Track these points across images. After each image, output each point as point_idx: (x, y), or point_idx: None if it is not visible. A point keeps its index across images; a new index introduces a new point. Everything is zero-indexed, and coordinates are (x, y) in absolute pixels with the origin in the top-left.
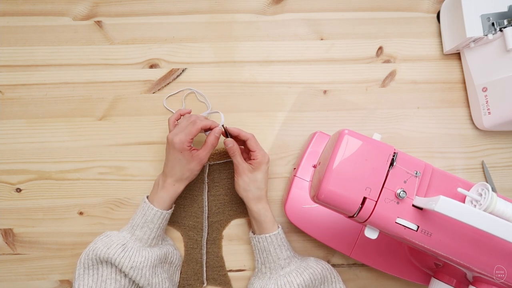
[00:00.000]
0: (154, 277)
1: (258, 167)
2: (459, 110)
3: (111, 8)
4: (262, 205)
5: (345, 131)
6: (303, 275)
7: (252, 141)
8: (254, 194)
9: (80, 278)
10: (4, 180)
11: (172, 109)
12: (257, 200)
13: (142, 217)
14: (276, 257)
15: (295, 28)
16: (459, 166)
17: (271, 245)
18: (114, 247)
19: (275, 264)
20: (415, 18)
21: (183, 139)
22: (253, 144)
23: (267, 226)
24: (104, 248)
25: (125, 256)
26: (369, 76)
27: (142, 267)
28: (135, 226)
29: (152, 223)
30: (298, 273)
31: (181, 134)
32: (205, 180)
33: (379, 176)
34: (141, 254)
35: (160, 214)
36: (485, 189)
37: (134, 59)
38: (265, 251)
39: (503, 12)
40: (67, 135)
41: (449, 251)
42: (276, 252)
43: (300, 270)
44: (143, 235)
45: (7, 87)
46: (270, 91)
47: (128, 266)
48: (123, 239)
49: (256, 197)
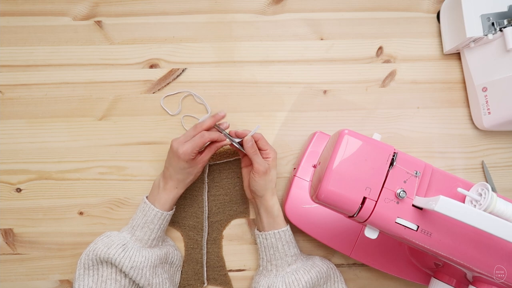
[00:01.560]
0: (155, 277)
1: (273, 164)
2: (459, 110)
3: (111, 8)
4: (276, 199)
5: (345, 131)
6: (310, 273)
7: (263, 140)
8: (268, 190)
9: (80, 279)
10: (4, 180)
11: (169, 110)
12: (271, 196)
13: (143, 217)
14: (284, 253)
15: (295, 28)
16: (459, 166)
17: (279, 241)
18: (115, 247)
19: (282, 261)
20: (415, 18)
21: (189, 151)
22: (263, 143)
23: (279, 221)
24: (104, 248)
25: (126, 256)
26: (369, 76)
27: (143, 267)
28: (136, 226)
29: (153, 223)
30: (305, 271)
31: (187, 145)
32: (205, 180)
33: (379, 176)
34: (141, 254)
35: (160, 215)
36: (485, 189)
37: (134, 59)
38: (273, 248)
39: (503, 12)
40: (67, 135)
41: (449, 251)
42: (284, 248)
43: (307, 268)
44: (143, 236)
45: (7, 87)
46: (270, 91)
47: (129, 266)
48: (124, 239)
49: (269, 193)
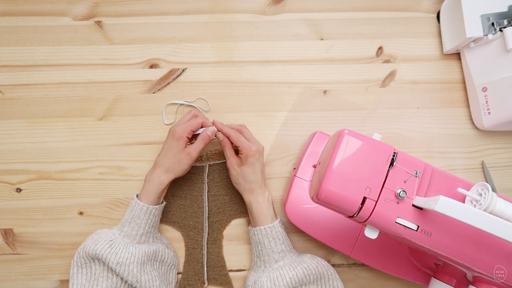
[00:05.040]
0: (143, 275)
1: (245, 161)
2: (459, 110)
3: (111, 8)
4: (254, 197)
5: (345, 131)
6: (296, 269)
7: (233, 137)
8: (245, 187)
9: (74, 277)
10: (4, 180)
11: (168, 114)
12: (249, 192)
13: (130, 212)
14: (270, 250)
15: (295, 28)
16: (459, 166)
17: (266, 237)
18: (101, 244)
19: (269, 257)
20: (415, 18)
21: (184, 128)
22: (234, 141)
23: (259, 218)
24: (92, 245)
25: (112, 252)
26: (369, 76)
27: (129, 263)
28: (124, 222)
29: (139, 218)
30: (291, 267)
31: (183, 125)
32: (205, 180)
33: (379, 176)
34: (127, 250)
35: (146, 209)
36: (485, 189)
37: (134, 59)
38: (260, 244)
39: (503, 12)
40: (67, 135)
41: (449, 251)
42: (270, 245)
43: (293, 264)
44: (131, 231)
45: (7, 87)
46: (270, 91)
47: (115, 262)
48: (112, 236)
49: (247, 189)
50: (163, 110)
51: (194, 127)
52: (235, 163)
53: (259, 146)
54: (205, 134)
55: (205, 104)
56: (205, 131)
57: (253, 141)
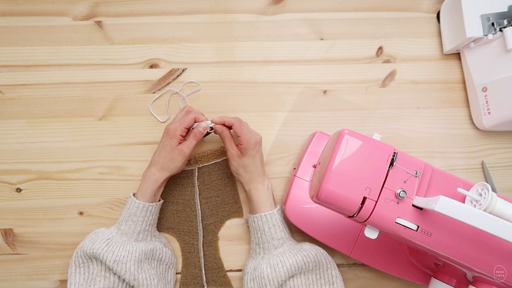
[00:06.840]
0: (141, 273)
1: (245, 152)
2: (459, 110)
3: (111, 8)
4: (254, 185)
5: (345, 131)
6: (296, 256)
7: (236, 126)
8: (245, 177)
9: (72, 277)
10: (4, 180)
11: (163, 113)
12: (249, 181)
13: (127, 211)
14: (270, 236)
15: (295, 28)
16: (459, 166)
17: (266, 224)
18: (99, 242)
19: (269, 244)
20: (415, 18)
21: (177, 126)
22: (237, 130)
23: (258, 205)
24: (90, 244)
25: (109, 250)
26: (369, 76)
27: (126, 261)
28: (121, 220)
29: (136, 216)
30: (291, 254)
31: (176, 123)
32: (195, 183)
33: (379, 176)
34: (124, 248)
35: (142, 207)
36: (485, 189)
37: (134, 59)
38: (260, 231)
39: (503, 12)
40: (67, 135)
41: (449, 251)
42: (270, 231)
43: (293, 251)
44: (128, 229)
45: (7, 87)
46: (270, 91)
47: (112, 260)
48: (109, 234)
49: (247, 179)
50: (151, 110)
51: (187, 124)
52: (235, 154)
53: (257, 137)
54: (196, 130)
55: (194, 85)
56: (197, 127)
57: (252, 133)
